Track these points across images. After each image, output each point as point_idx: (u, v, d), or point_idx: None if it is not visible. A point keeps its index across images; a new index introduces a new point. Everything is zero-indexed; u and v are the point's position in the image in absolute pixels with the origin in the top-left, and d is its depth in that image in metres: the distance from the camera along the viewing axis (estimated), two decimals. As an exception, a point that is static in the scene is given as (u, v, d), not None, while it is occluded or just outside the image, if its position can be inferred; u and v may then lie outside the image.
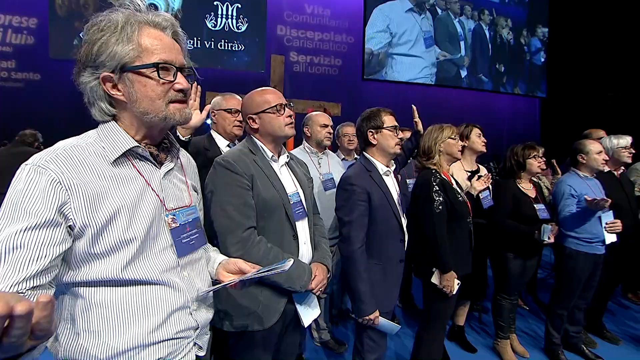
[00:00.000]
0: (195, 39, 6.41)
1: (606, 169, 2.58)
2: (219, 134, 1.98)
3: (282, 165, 1.48)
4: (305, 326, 1.45)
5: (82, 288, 0.78)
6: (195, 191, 1.04)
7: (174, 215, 0.89)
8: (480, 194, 2.34)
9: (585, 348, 2.59)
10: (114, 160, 0.81)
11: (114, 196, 0.78)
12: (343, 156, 2.92)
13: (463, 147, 2.31)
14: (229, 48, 6.55)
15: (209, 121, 2.03)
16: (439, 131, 2.03)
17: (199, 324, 0.92)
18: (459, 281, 1.90)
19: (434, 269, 1.90)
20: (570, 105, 8.11)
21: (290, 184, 1.45)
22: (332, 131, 2.54)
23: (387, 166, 1.72)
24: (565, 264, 2.40)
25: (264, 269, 0.91)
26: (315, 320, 2.59)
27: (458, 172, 2.42)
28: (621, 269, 2.90)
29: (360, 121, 1.74)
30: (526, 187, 2.41)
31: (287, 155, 1.51)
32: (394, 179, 1.80)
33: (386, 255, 1.66)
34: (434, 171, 1.96)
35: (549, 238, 2.16)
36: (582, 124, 3.58)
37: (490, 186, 2.43)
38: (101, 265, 0.77)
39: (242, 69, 6.55)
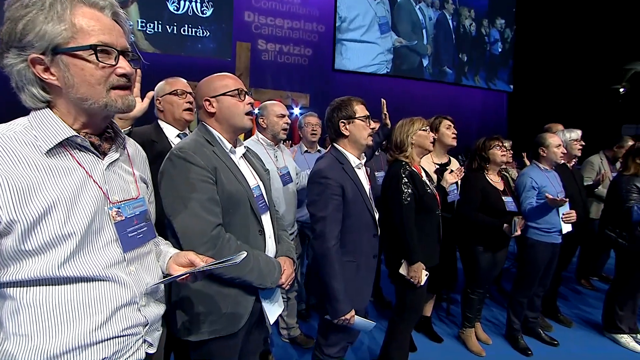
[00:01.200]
0: (155, 22, 6.01)
1: (562, 161, 2.72)
2: (167, 123, 1.79)
3: (240, 157, 1.39)
4: (272, 324, 1.39)
5: (10, 288, 0.73)
6: (145, 183, 0.99)
7: (118, 208, 0.85)
8: (447, 188, 2.37)
9: (542, 332, 2.74)
10: (48, 151, 0.74)
11: (48, 189, 0.72)
12: (306, 148, 2.83)
13: (434, 139, 2.31)
14: (193, 34, 6.21)
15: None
16: (410, 124, 2.03)
17: (148, 320, 0.89)
18: (427, 272, 1.92)
19: (402, 260, 1.90)
20: (535, 100, 8.61)
21: (251, 177, 1.38)
22: (289, 122, 2.40)
23: (359, 158, 1.67)
24: (527, 253, 2.50)
25: (215, 262, 0.89)
26: (284, 319, 2.54)
27: (426, 165, 2.43)
28: (568, 256, 3.09)
29: (330, 111, 1.66)
30: (494, 180, 2.47)
31: (244, 147, 1.43)
32: (365, 173, 1.76)
33: (360, 251, 1.61)
34: (404, 163, 1.96)
35: (516, 231, 2.22)
36: (547, 118, 3.76)
37: (459, 180, 2.46)
38: (34, 263, 0.72)
39: (207, 56, 6.24)
